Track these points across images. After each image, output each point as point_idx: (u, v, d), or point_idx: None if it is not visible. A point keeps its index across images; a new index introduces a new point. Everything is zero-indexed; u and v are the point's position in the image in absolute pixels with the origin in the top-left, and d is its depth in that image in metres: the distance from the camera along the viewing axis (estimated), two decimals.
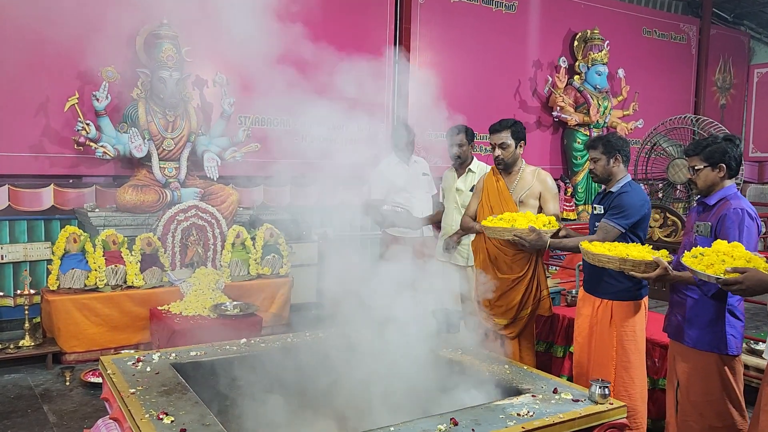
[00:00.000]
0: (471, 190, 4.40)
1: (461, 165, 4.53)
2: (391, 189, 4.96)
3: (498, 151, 3.74)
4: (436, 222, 4.72)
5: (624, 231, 3.23)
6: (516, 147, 3.73)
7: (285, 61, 4.20)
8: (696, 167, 2.89)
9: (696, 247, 2.75)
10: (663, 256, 2.86)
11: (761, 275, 2.36)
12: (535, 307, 3.74)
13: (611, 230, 3.24)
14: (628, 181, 3.35)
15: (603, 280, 3.27)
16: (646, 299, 3.33)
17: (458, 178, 4.53)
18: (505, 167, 3.77)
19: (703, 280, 2.50)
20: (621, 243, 3.10)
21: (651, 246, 3.03)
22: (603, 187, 3.46)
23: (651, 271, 2.79)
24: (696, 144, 2.93)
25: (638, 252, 2.88)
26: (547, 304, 3.77)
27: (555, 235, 3.49)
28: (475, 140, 4.67)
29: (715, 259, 2.48)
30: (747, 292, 2.38)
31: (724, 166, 2.84)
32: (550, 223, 3.46)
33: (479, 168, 4.53)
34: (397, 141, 5.04)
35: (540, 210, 3.74)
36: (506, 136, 3.71)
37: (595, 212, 3.41)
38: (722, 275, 2.39)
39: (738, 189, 3.01)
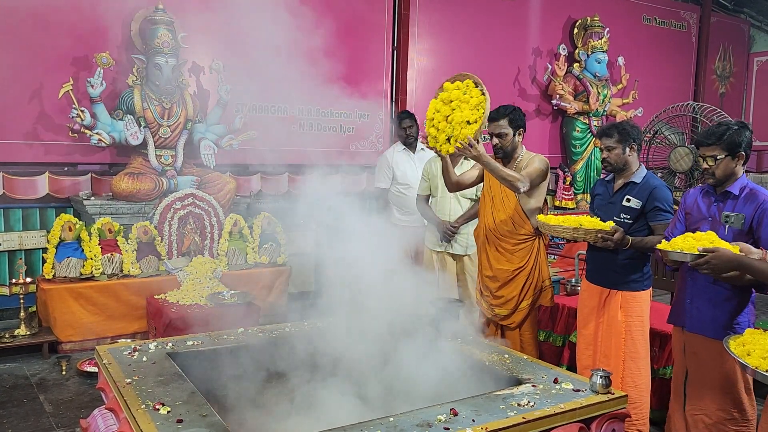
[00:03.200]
0: None
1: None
2: (394, 177, 5.00)
3: (495, 140, 3.64)
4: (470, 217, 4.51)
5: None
6: (514, 135, 3.64)
7: (282, 48, 4.14)
8: (718, 157, 2.77)
9: (728, 239, 2.68)
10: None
11: (729, 254, 2.47)
12: (536, 297, 3.71)
13: (668, 227, 3.14)
14: (648, 171, 3.29)
15: (612, 270, 3.23)
16: (650, 290, 3.31)
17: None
18: (504, 156, 3.70)
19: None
20: (586, 217, 3.19)
21: None
22: (603, 174, 3.40)
23: (602, 241, 3.04)
24: (710, 133, 2.80)
25: (589, 222, 3.10)
26: (549, 295, 3.74)
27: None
28: None
29: (682, 242, 2.64)
30: (715, 270, 2.50)
31: (743, 153, 2.77)
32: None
33: None
34: (399, 130, 5.05)
35: (544, 200, 3.70)
36: (504, 125, 3.61)
37: (628, 204, 3.21)
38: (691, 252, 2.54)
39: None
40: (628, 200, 3.21)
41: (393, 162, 5.05)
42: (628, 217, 3.21)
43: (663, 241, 2.72)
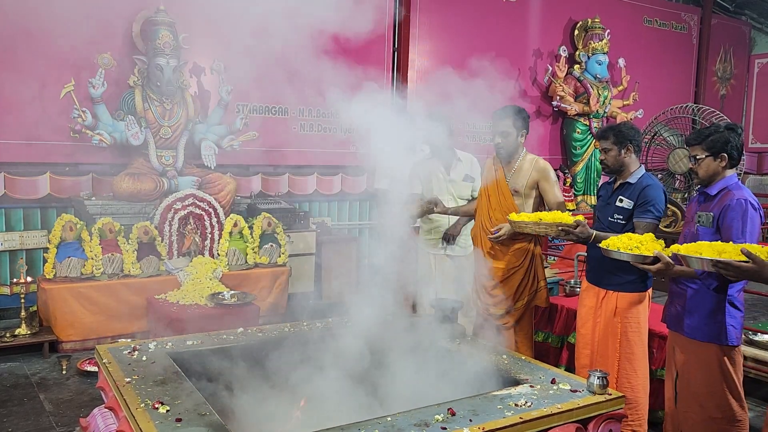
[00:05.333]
0: (464, 179, 4.37)
1: (441, 155, 4.45)
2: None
3: (498, 139, 3.64)
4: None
5: (658, 223, 3.19)
6: (517, 136, 3.64)
7: (282, 50, 4.16)
8: (697, 156, 2.87)
9: (697, 237, 2.76)
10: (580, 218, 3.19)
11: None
12: (532, 298, 3.72)
13: (650, 226, 3.15)
14: (645, 172, 3.30)
15: (608, 271, 3.24)
16: (650, 291, 3.32)
17: (447, 169, 4.46)
18: (504, 155, 3.71)
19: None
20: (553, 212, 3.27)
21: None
22: (603, 176, 3.42)
23: (564, 234, 3.10)
24: (698, 133, 2.90)
25: (550, 216, 3.19)
26: (544, 296, 3.76)
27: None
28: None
29: (619, 242, 2.84)
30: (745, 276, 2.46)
31: (725, 155, 2.81)
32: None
33: (465, 157, 4.48)
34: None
35: (540, 200, 3.70)
36: (508, 125, 3.61)
37: (621, 205, 3.24)
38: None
39: (739, 179, 2.98)
40: (621, 201, 3.25)
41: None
42: (621, 217, 3.23)
43: (605, 240, 2.91)
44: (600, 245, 2.93)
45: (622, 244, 2.82)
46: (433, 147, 4.41)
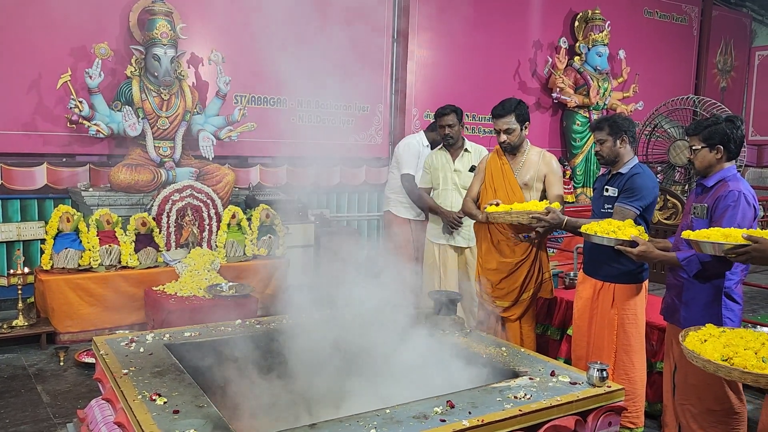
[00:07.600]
0: (470, 170, 4.36)
1: (452, 146, 4.46)
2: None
3: (503, 137, 3.61)
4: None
5: (639, 212, 3.18)
6: (522, 129, 3.64)
7: (281, 40, 4.13)
8: (694, 147, 2.86)
9: (692, 229, 2.73)
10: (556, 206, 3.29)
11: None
12: (537, 289, 3.72)
13: (627, 213, 3.15)
14: (637, 162, 3.30)
15: (604, 263, 3.23)
16: (646, 282, 3.31)
17: (453, 159, 4.48)
18: (510, 150, 3.68)
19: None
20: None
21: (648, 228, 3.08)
22: (602, 168, 3.42)
23: (536, 222, 3.19)
24: (697, 124, 2.89)
25: (522, 206, 3.29)
26: (549, 287, 3.76)
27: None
28: (464, 119, 4.61)
29: (598, 227, 2.90)
30: (756, 260, 2.40)
31: (721, 147, 2.79)
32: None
33: (474, 148, 4.48)
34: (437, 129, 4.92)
35: (544, 192, 3.69)
36: (511, 121, 3.59)
37: (607, 194, 3.28)
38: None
39: (739, 171, 2.96)
40: (607, 190, 3.29)
41: (421, 153, 4.99)
42: (610, 206, 3.25)
43: (585, 225, 2.96)
44: (580, 230, 2.98)
45: (600, 229, 2.88)
46: (439, 136, 4.43)
